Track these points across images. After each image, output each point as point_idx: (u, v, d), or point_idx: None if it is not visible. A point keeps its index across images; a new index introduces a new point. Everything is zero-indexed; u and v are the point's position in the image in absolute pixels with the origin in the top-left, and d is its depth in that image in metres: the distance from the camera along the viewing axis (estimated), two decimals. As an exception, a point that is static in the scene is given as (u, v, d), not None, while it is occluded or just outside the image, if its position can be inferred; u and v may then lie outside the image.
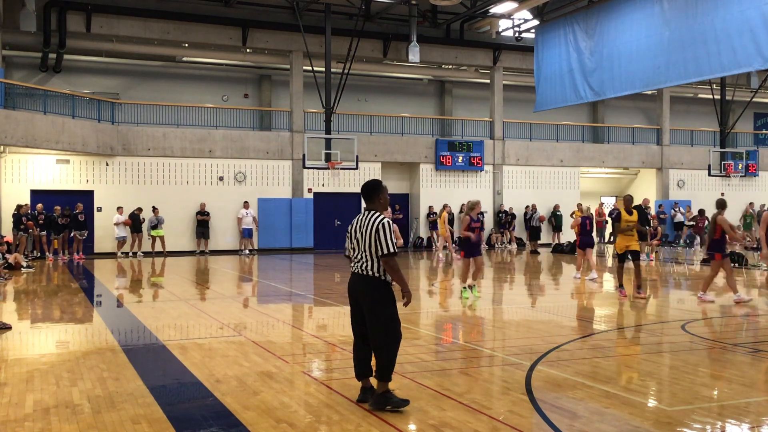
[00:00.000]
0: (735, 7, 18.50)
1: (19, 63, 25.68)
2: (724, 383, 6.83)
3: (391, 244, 5.76)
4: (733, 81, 30.10)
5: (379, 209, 6.08)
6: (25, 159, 23.46)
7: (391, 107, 29.93)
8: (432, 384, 6.61)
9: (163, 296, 14.26)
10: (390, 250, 5.76)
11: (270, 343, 8.76)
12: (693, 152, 32.58)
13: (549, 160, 30.35)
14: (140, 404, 5.95)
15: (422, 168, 28.52)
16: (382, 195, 6.11)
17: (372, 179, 6.22)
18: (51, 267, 20.04)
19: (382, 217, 5.87)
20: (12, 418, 5.61)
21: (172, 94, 27.21)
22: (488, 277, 18.13)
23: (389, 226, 5.82)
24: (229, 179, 25.97)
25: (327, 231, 27.27)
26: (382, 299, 5.85)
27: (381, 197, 6.10)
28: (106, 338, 9.35)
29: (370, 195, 6.08)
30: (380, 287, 5.86)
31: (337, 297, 13.66)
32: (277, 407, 5.88)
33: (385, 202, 6.13)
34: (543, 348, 8.21)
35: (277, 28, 26.39)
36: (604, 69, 23.29)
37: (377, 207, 6.08)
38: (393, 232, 5.86)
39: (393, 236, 5.81)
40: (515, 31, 29.09)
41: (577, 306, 13.02)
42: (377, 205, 6.08)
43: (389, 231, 5.79)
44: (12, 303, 12.92)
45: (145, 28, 24.85)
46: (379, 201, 6.08)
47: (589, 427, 5.35)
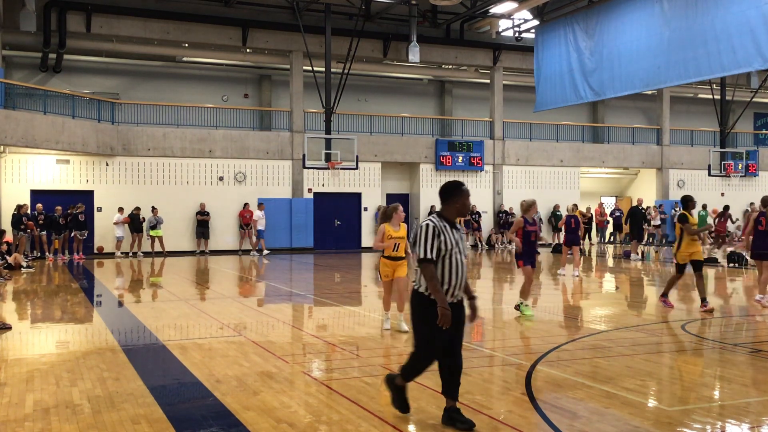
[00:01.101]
0: (735, 7, 18.50)
1: (19, 63, 25.68)
2: (724, 383, 6.83)
3: (427, 248, 5.16)
4: (733, 81, 30.10)
5: (450, 215, 5.32)
6: (25, 159, 23.46)
7: (391, 107, 29.93)
8: (432, 384, 6.60)
9: (163, 296, 14.25)
10: (424, 254, 5.17)
11: (270, 343, 8.76)
12: (693, 152, 32.58)
13: (549, 160, 30.35)
14: (140, 404, 5.95)
15: (422, 168, 28.52)
16: (459, 200, 5.29)
17: (451, 180, 5.44)
18: (51, 267, 20.04)
19: (427, 220, 5.26)
20: (12, 418, 5.61)
21: (172, 94, 27.21)
22: (488, 277, 18.14)
23: (426, 229, 5.20)
24: (229, 179, 25.97)
25: (327, 231, 27.27)
26: (417, 314, 5.26)
27: (457, 202, 5.29)
28: (106, 338, 9.34)
29: (443, 198, 5.35)
30: (417, 299, 5.26)
31: (337, 297, 13.66)
32: (277, 407, 5.87)
33: (462, 207, 5.31)
34: (543, 348, 8.21)
35: (277, 28, 26.39)
36: (604, 69, 23.29)
37: (450, 213, 5.33)
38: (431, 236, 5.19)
39: (432, 240, 5.17)
40: (515, 31, 29.10)
41: (577, 306, 13.01)
42: (451, 210, 5.32)
43: (426, 234, 5.19)
44: (12, 303, 12.92)
45: (145, 28, 24.85)
46: (455, 206, 5.30)
47: (589, 427, 5.35)
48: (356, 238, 27.74)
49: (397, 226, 9.14)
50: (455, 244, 5.23)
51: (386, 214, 9.21)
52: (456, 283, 5.22)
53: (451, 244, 5.19)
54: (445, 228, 5.21)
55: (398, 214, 9.10)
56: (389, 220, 9.13)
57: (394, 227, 9.11)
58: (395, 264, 9.10)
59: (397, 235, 9.08)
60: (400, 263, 9.13)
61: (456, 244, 5.23)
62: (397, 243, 9.05)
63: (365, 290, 15.73)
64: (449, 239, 5.19)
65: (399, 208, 9.16)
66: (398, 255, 9.09)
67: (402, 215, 9.19)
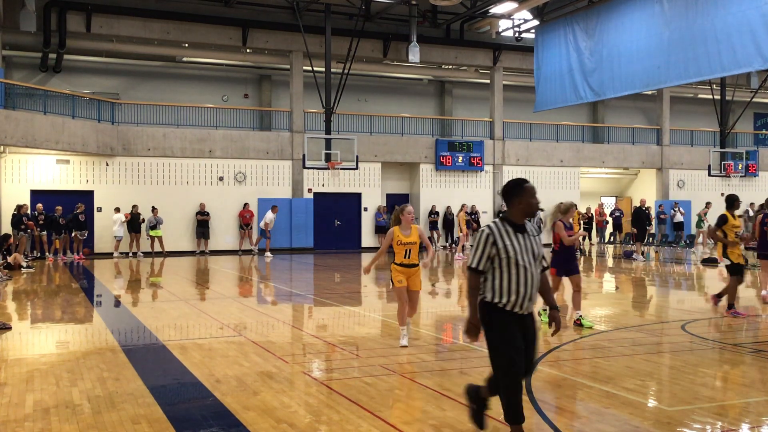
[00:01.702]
0: (735, 7, 18.50)
1: (19, 63, 25.68)
2: (724, 383, 6.83)
3: (476, 256, 4.73)
4: (733, 81, 30.08)
5: (515, 217, 4.81)
6: (25, 159, 23.46)
7: (391, 107, 29.92)
8: (432, 384, 6.60)
9: (163, 296, 14.26)
10: (470, 262, 4.77)
11: (270, 343, 8.75)
12: (693, 152, 32.58)
13: (549, 161, 30.34)
14: (140, 404, 5.95)
15: (422, 168, 28.52)
16: (523, 199, 4.79)
17: (513, 178, 4.96)
18: (51, 267, 20.03)
19: (485, 225, 4.81)
20: (12, 418, 5.61)
21: (172, 94, 27.21)
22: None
23: (480, 235, 4.76)
24: (229, 179, 25.97)
25: (327, 231, 27.27)
26: (485, 324, 4.81)
27: (520, 201, 4.79)
28: (106, 338, 9.34)
29: (505, 199, 4.87)
30: (482, 309, 4.82)
31: (337, 297, 13.66)
32: (277, 407, 5.87)
33: (528, 207, 4.79)
34: (543, 348, 8.21)
35: (277, 28, 26.39)
36: (604, 69, 23.29)
37: (515, 215, 4.82)
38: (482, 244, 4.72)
39: (483, 248, 4.71)
40: (515, 31, 29.10)
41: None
42: (515, 212, 4.82)
43: (478, 240, 4.76)
44: (12, 303, 12.92)
45: (145, 28, 24.85)
46: (518, 206, 4.79)
47: (589, 427, 5.35)
48: (356, 238, 27.74)
49: (407, 229, 8.25)
50: (521, 250, 4.70)
51: (396, 217, 8.37)
52: (524, 293, 4.69)
53: (514, 251, 4.66)
54: (507, 233, 4.70)
55: (405, 215, 8.24)
56: (399, 224, 8.30)
57: (404, 231, 8.24)
58: (408, 271, 8.26)
59: (408, 241, 8.20)
60: (413, 271, 8.28)
61: (524, 250, 4.70)
62: (408, 249, 8.20)
63: (365, 290, 15.74)
64: (511, 245, 4.67)
65: (406, 209, 8.29)
66: (411, 262, 8.24)
67: (410, 217, 8.27)
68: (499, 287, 4.70)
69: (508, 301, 4.69)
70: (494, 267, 4.71)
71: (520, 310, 4.73)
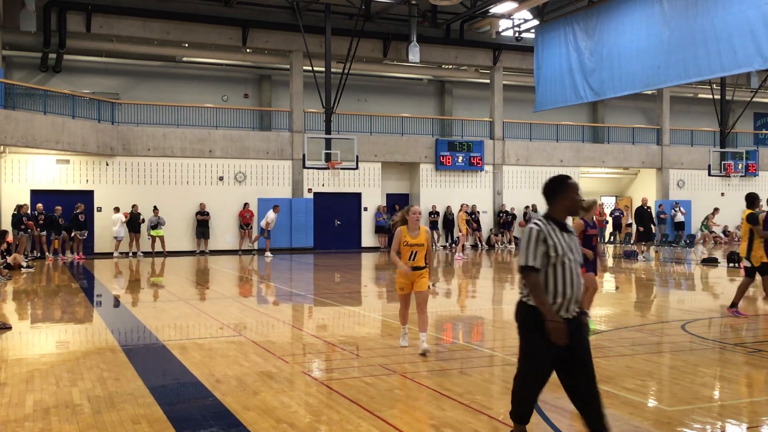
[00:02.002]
0: (735, 7, 18.50)
1: (19, 63, 25.68)
2: (724, 383, 6.83)
3: (529, 254, 4.45)
4: (733, 81, 30.09)
5: (559, 215, 4.58)
6: (25, 159, 23.46)
7: (391, 107, 29.92)
8: (432, 384, 6.60)
9: (163, 296, 14.26)
10: (525, 261, 4.47)
11: (270, 343, 8.76)
12: (693, 152, 32.58)
13: (549, 160, 30.34)
14: (140, 404, 5.95)
15: (422, 168, 28.52)
16: (567, 195, 4.56)
17: (557, 175, 4.69)
18: (51, 267, 20.04)
19: (531, 223, 4.55)
20: (12, 418, 5.61)
21: (172, 94, 27.21)
22: (488, 277, 18.14)
23: (529, 233, 4.50)
24: (229, 179, 25.97)
25: (327, 231, 27.27)
26: (524, 330, 4.59)
27: (565, 198, 4.56)
28: (106, 338, 9.35)
29: (548, 196, 4.63)
30: (522, 312, 4.59)
31: (337, 297, 13.66)
32: (277, 407, 5.87)
33: (572, 204, 4.56)
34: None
35: (277, 28, 26.39)
36: (604, 69, 23.29)
37: (558, 213, 4.59)
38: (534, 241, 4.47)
39: (536, 245, 4.45)
40: (515, 31, 29.10)
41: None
42: (559, 209, 4.59)
43: (528, 238, 4.49)
44: (12, 303, 12.92)
45: (145, 28, 24.85)
46: (562, 203, 4.57)
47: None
48: (356, 238, 27.74)
49: (414, 230, 7.85)
50: (567, 249, 4.47)
51: (403, 218, 7.98)
52: (571, 295, 4.47)
53: (562, 249, 4.44)
54: (553, 231, 4.47)
55: (411, 215, 7.84)
56: (407, 224, 7.89)
57: (411, 232, 7.84)
58: (413, 275, 7.82)
59: (415, 242, 7.79)
60: (418, 274, 7.83)
61: (569, 249, 4.48)
62: (414, 251, 7.79)
63: (365, 290, 15.74)
64: (559, 244, 4.45)
65: (412, 209, 7.90)
66: (416, 265, 7.81)
67: (415, 217, 7.86)
68: (545, 288, 4.47)
69: (554, 303, 4.43)
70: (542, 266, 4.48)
71: (567, 313, 4.47)
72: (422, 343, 7.78)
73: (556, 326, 4.34)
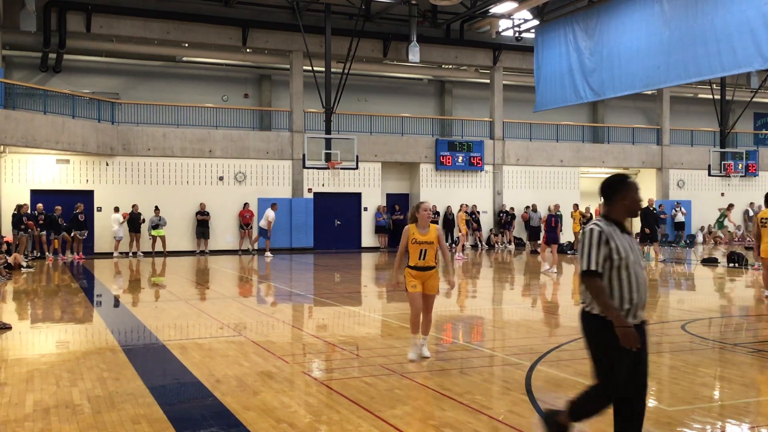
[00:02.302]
0: (735, 7, 18.51)
1: (19, 63, 25.68)
2: (724, 383, 6.83)
3: (591, 258, 4.16)
4: (733, 81, 30.10)
5: (619, 216, 4.32)
6: (25, 159, 23.46)
7: (391, 107, 29.92)
8: (432, 384, 6.60)
9: (163, 296, 14.26)
10: (587, 265, 4.18)
11: (270, 343, 8.75)
12: (693, 152, 32.58)
13: (549, 160, 30.35)
14: (140, 404, 5.95)
15: (422, 168, 28.52)
16: (627, 195, 4.30)
17: (613, 174, 4.45)
18: (51, 267, 20.04)
19: (591, 224, 4.28)
20: (12, 418, 5.61)
21: (172, 94, 27.21)
22: (488, 277, 18.14)
23: (590, 235, 4.20)
24: (229, 179, 25.97)
25: (327, 231, 27.26)
26: (594, 340, 4.25)
27: (624, 198, 4.30)
28: (106, 338, 9.34)
29: (606, 196, 4.35)
30: (590, 323, 4.25)
31: (337, 297, 13.66)
32: (277, 407, 5.87)
33: (632, 204, 4.31)
34: (543, 348, 8.21)
35: (277, 28, 26.39)
36: (604, 69, 23.30)
37: (617, 213, 4.32)
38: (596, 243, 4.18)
39: (598, 248, 4.17)
40: (515, 31, 29.09)
41: (577, 306, 13.01)
42: (618, 210, 4.32)
43: (590, 240, 4.19)
44: (12, 303, 12.92)
45: (145, 28, 24.85)
46: (622, 203, 4.30)
47: (589, 427, 5.35)
48: (356, 238, 27.74)
49: (424, 228, 7.53)
50: (630, 251, 4.22)
51: (412, 215, 7.68)
52: (638, 300, 4.20)
53: (624, 252, 4.18)
54: (614, 232, 4.21)
55: (422, 212, 7.53)
56: (416, 221, 7.58)
57: (420, 230, 7.52)
58: (423, 275, 7.50)
59: (424, 240, 7.47)
60: (429, 274, 7.52)
61: (631, 251, 4.22)
62: (423, 249, 7.46)
63: (365, 290, 15.74)
64: (621, 246, 4.19)
65: (423, 205, 7.59)
66: (426, 264, 7.48)
67: (428, 213, 7.54)
68: (610, 295, 4.17)
69: (621, 309, 4.16)
70: (604, 271, 4.20)
71: (635, 319, 4.19)
72: (422, 348, 7.60)
73: (627, 332, 4.05)
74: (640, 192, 4.37)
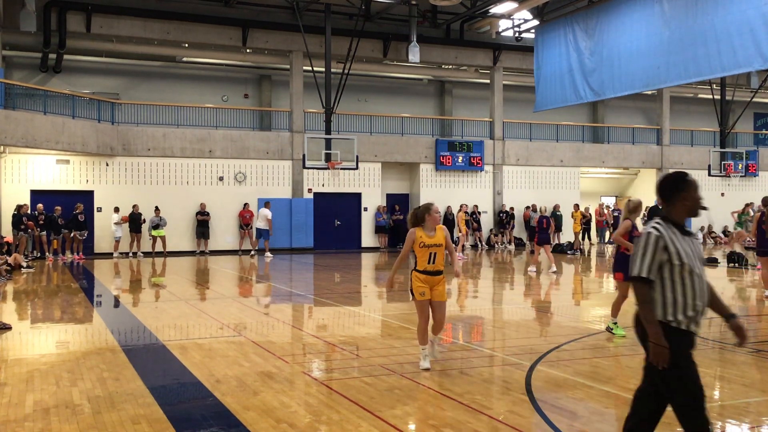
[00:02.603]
0: (735, 7, 18.51)
1: (19, 63, 25.68)
2: (724, 383, 6.83)
3: (644, 263, 3.93)
4: (733, 81, 30.10)
5: (678, 217, 4.04)
6: (25, 159, 23.46)
7: (391, 107, 29.92)
8: (432, 384, 6.60)
9: (163, 296, 14.26)
10: (639, 271, 3.95)
11: (270, 343, 8.76)
12: (693, 152, 32.58)
13: (549, 160, 30.35)
14: (140, 404, 5.95)
15: (422, 168, 28.52)
16: (688, 195, 4.03)
17: (675, 172, 4.16)
18: (51, 267, 20.03)
19: (650, 226, 4.01)
20: (12, 418, 5.61)
21: (172, 94, 27.21)
22: (488, 277, 18.14)
23: (647, 238, 3.95)
24: (229, 179, 25.97)
25: (327, 231, 27.26)
26: None
27: (686, 198, 4.03)
28: (106, 338, 9.34)
29: (666, 196, 4.08)
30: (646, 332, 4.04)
31: (337, 297, 13.66)
32: (277, 407, 5.87)
33: (694, 204, 4.04)
34: (543, 348, 8.21)
35: (277, 28, 26.39)
36: (604, 69, 23.30)
37: (678, 214, 4.05)
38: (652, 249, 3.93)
39: (654, 253, 3.92)
40: (515, 31, 29.10)
41: (577, 306, 13.02)
42: (679, 210, 4.05)
43: (646, 244, 3.94)
44: (12, 303, 12.92)
45: (145, 28, 24.85)
46: (683, 203, 4.03)
47: (589, 427, 5.35)
48: (356, 238, 27.74)
49: (432, 230, 7.17)
50: (693, 256, 3.96)
51: (417, 217, 7.25)
52: (702, 307, 3.98)
53: (687, 256, 3.92)
54: (674, 236, 3.95)
55: (433, 215, 7.17)
56: (422, 224, 7.19)
57: (428, 232, 7.16)
58: (432, 280, 7.14)
59: (432, 242, 7.11)
60: (438, 279, 7.18)
61: (694, 255, 3.97)
62: (432, 252, 7.11)
63: (365, 290, 15.74)
64: (683, 250, 3.93)
65: (433, 207, 7.22)
66: (435, 268, 7.13)
67: (437, 216, 7.21)
68: (672, 302, 3.93)
69: (684, 317, 3.92)
70: (663, 277, 3.94)
71: (697, 327, 3.98)
72: (433, 347, 7.32)
73: (661, 351, 3.87)
74: (700, 190, 4.11)
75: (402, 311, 11.55)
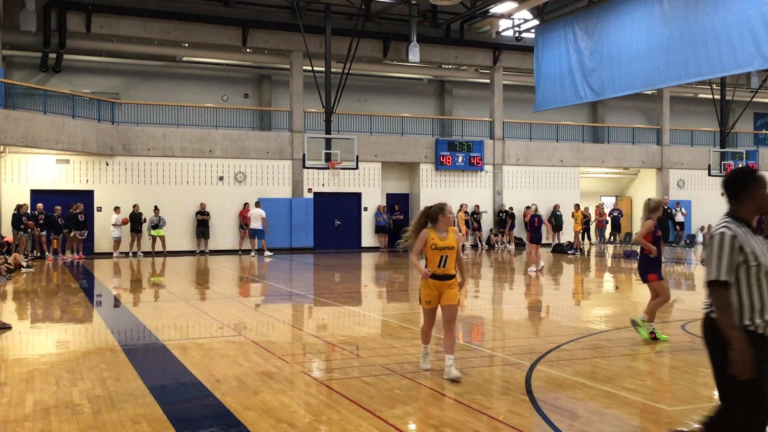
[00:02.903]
0: (735, 7, 18.51)
1: (19, 63, 25.68)
2: None
3: (722, 266, 3.71)
4: (733, 81, 30.08)
5: (747, 215, 3.85)
6: (25, 159, 23.46)
7: (391, 107, 29.92)
8: (432, 384, 6.60)
9: (163, 296, 14.26)
10: (717, 275, 3.72)
11: (270, 343, 8.75)
12: (693, 152, 32.59)
13: (549, 160, 30.35)
14: (140, 404, 5.95)
15: (422, 168, 28.52)
16: (756, 191, 3.83)
17: (741, 167, 4.00)
18: (51, 267, 20.03)
19: (722, 226, 3.80)
20: (12, 418, 5.61)
21: (172, 94, 27.21)
22: (488, 277, 18.14)
23: (721, 239, 3.74)
24: (229, 179, 25.97)
25: (327, 231, 27.26)
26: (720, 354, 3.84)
27: (754, 195, 3.83)
28: (106, 338, 9.34)
29: (733, 193, 3.88)
30: (714, 331, 3.83)
31: (337, 297, 13.66)
32: (277, 407, 5.87)
33: (763, 201, 3.84)
34: (543, 348, 8.21)
35: (277, 28, 26.39)
36: (604, 69, 23.30)
37: (746, 212, 3.86)
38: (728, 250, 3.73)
39: (731, 255, 3.72)
40: (515, 31, 29.10)
41: (577, 306, 13.02)
42: (747, 208, 3.86)
43: (721, 245, 3.73)
44: (12, 303, 12.92)
45: (145, 28, 24.85)
46: (752, 201, 3.83)
47: (589, 427, 5.35)
48: (356, 238, 27.74)
49: (444, 231, 6.71)
50: (764, 254, 3.77)
51: (429, 217, 6.78)
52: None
53: (763, 256, 3.74)
54: (747, 235, 3.77)
55: (447, 215, 6.72)
56: (435, 224, 6.73)
57: (440, 234, 6.70)
58: (442, 285, 6.75)
59: (444, 245, 6.65)
60: (448, 284, 6.78)
61: (765, 255, 3.78)
62: (444, 255, 6.68)
63: (365, 290, 15.74)
64: (758, 249, 3.75)
65: (446, 208, 6.76)
66: (446, 272, 6.74)
67: (451, 217, 6.77)
68: (749, 305, 3.72)
69: (762, 321, 3.71)
70: (738, 279, 3.74)
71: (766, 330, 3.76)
72: (450, 368, 6.66)
73: (744, 358, 3.62)
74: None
75: (402, 311, 11.56)
